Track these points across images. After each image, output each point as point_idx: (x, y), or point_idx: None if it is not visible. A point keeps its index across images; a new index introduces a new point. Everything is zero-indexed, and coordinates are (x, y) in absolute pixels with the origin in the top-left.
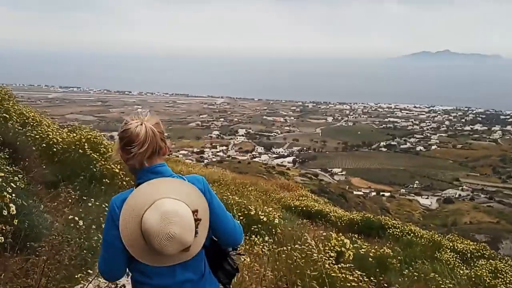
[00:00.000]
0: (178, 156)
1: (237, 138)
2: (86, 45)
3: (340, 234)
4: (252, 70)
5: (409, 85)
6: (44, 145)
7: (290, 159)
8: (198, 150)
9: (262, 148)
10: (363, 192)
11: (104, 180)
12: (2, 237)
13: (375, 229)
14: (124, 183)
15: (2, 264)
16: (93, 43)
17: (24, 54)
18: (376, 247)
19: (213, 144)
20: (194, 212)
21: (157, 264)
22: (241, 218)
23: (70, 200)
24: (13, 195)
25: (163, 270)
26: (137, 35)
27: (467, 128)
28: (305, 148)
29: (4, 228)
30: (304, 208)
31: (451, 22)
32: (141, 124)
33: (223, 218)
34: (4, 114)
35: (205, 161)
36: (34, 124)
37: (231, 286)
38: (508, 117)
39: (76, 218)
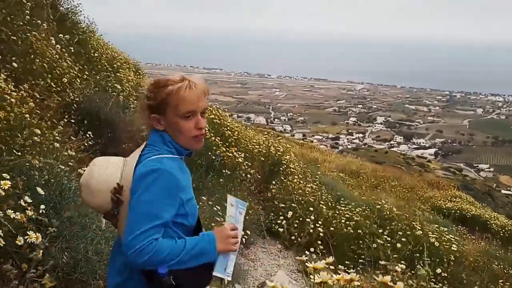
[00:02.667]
0: (312, 142)
1: (375, 126)
2: (231, 30)
3: None
4: (397, 57)
5: None
6: None
7: (432, 151)
8: (333, 136)
9: (402, 137)
10: None
11: (224, 171)
12: None
13: None
14: (249, 175)
15: None
16: (236, 28)
17: (174, 37)
18: None
19: (349, 130)
20: (119, 185)
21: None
22: (402, 239)
23: None
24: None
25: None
26: (277, 22)
27: None
28: (449, 141)
29: None
30: (458, 212)
31: None
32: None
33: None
34: (116, 84)
35: (340, 147)
36: None
37: None
38: None
39: None
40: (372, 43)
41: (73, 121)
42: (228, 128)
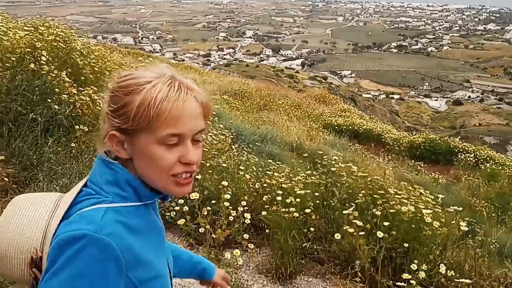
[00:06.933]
0: (184, 60)
1: (244, 40)
2: None
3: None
4: None
5: None
6: None
7: (299, 61)
8: (205, 53)
9: (270, 50)
10: (372, 94)
11: (78, 127)
12: None
13: (442, 154)
14: None
15: None
16: None
17: None
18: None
19: (220, 46)
20: (36, 255)
21: None
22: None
23: None
24: None
25: None
26: None
27: (480, 27)
28: (314, 50)
29: None
30: (350, 127)
31: None
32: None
33: None
34: None
35: (212, 64)
36: None
37: None
38: None
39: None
40: None
41: None
42: (80, 53)
